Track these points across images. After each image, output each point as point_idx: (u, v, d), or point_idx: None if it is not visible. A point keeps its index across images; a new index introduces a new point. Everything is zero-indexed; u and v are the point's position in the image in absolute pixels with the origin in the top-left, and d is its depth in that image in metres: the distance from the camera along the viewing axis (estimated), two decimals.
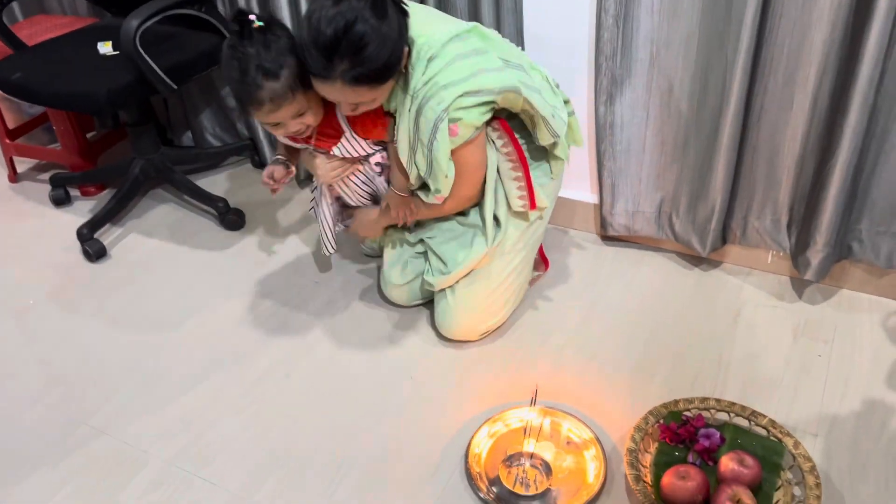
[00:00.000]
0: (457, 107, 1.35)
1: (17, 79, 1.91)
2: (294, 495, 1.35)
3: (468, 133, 1.40)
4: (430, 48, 1.36)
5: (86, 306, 1.86)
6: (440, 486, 1.34)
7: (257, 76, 1.33)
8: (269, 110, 1.38)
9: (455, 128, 1.37)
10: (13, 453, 1.47)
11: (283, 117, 1.41)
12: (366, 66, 1.29)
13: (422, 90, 1.37)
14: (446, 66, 1.35)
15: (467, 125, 1.38)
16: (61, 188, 2.28)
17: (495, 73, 1.38)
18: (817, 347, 1.58)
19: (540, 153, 1.59)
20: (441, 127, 1.37)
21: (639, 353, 1.60)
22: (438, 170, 1.42)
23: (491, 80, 1.37)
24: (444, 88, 1.34)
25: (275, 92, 1.35)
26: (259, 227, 2.12)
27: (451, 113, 1.36)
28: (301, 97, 1.39)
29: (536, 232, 1.65)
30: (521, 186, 1.55)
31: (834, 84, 1.48)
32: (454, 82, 1.34)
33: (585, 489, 1.32)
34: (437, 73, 1.35)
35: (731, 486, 1.21)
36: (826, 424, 1.41)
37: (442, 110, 1.35)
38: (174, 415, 1.53)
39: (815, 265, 1.62)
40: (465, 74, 1.35)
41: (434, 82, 1.35)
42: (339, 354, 1.66)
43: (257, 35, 1.34)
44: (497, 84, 1.37)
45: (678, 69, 1.61)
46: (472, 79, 1.35)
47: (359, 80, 1.30)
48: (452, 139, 1.39)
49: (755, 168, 1.66)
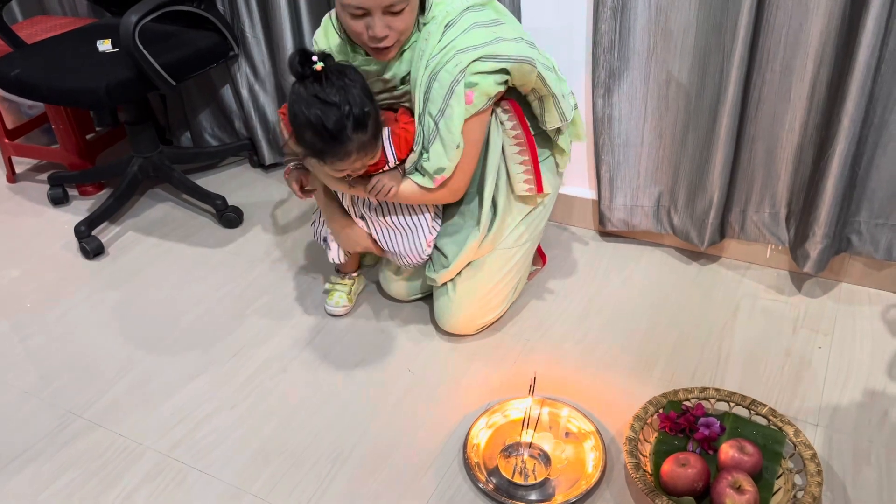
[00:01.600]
0: (474, 70, 1.34)
1: (17, 75, 1.92)
2: (290, 487, 1.34)
3: (481, 102, 1.38)
4: (447, 15, 1.36)
5: (83, 303, 1.85)
6: (438, 477, 1.33)
7: (347, 127, 1.27)
8: (353, 160, 1.33)
9: (471, 94, 1.35)
10: (7, 446, 1.45)
11: (362, 164, 1.36)
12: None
13: (437, 56, 1.35)
14: (463, 33, 1.34)
15: (482, 93, 1.36)
16: (59, 187, 2.28)
17: (513, 42, 1.37)
18: (817, 340, 1.58)
19: (544, 145, 1.58)
20: (457, 91, 1.34)
21: (637, 347, 1.60)
22: (451, 140, 1.37)
23: (509, 48, 1.36)
24: (462, 52, 1.33)
25: (362, 143, 1.31)
26: (257, 224, 2.12)
27: (468, 77, 1.34)
28: (379, 143, 1.37)
29: (539, 227, 1.65)
30: (528, 170, 1.53)
31: (831, 73, 1.48)
32: (472, 46, 1.34)
33: (584, 479, 1.31)
34: (455, 38, 1.34)
35: (731, 474, 1.20)
36: (827, 415, 1.40)
37: (459, 72, 1.33)
38: (170, 408, 1.52)
39: (813, 258, 1.62)
40: (483, 40, 1.34)
41: (451, 46, 1.34)
42: (336, 349, 1.65)
43: (334, 79, 1.27)
44: (515, 52, 1.36)
45: (676, 61, 1.61)
46: (492, 45, 1.35)
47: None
48: (467, 107, 1.36)
49: (753, 160, 1.66)
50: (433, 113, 1.37)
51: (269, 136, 2.33)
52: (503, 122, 1.49)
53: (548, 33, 1.73)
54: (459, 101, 1.35)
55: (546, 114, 1.49)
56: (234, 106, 2.35)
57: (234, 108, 2.36)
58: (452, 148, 1.39)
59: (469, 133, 1.40)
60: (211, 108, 2.41)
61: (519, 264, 1.64)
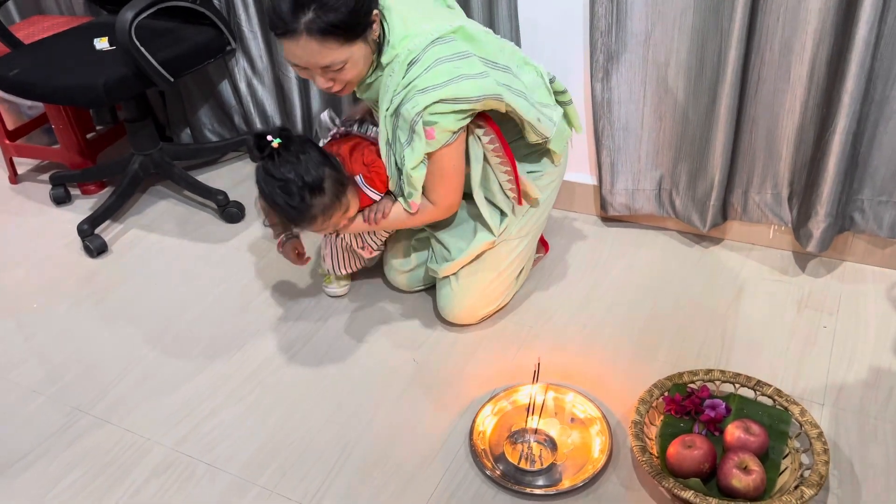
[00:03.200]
0: (431, 112, 1.34)
1: (15, 75, 1.92)
2: (297, 478, 1.34)
3: (444, 137, 1.39)
4: (410, 52, 1.35)
5: (87, 300, 1.86)
6: (445, 465, 1.33)
7: (305, 196, 1.35)
8: (321, 222, 1.41)
9: (431, 131, 1.37)
10: (16, 444, 1.46)
11: (334, 223, 1.44)
12: (331, 15, 1.25)
13: (401, 93, 1.36)
14: (425, 71, 1.33)
15: (443, 130, 1.37)
16: (61, 187, 2.28)
17: (476, 79, 1.35)
18: (822, 319, 1.57)
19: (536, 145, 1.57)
20: (417, 129, 1.36)
21: (641, 331, 1.59)
22: (406, 167, 1.41)
23: (470, 87, 1.34)
24: (421, 93, 1.33)
25: (324, 205, 1.38)
26: (259, 219, 2.12)
27: (426, 117, 1.35)
28: (345, 198, 1.42)
29: (540, 218, 1.65)
30: (511, 180, 1.53)
31: (831, 51, 1.47)
32: (431, 87, 1.33)
33: (591, 463, 1.31)
34: (417, 78, 1.34)
35: (737, 454, 1.20)
36: (833, 394, 1.40)
37: (416, 114, 1.34)
38: (176, 403, 1.52)
39: (817, 237, 1.61)
40: (443, 80, 1.33)
41: (412, 86, 1.34)
42: (340, 339, 1.65)
43: (286, 154, 1.34)
44: (476, 92, 1.35)
45: (674, 43, 1.60)
46: (450, 85, 1.33)
47: (325, 31, 1.26)
48: (429, 142, 1.38)
49: (754, 141, 1.65)
50: (401, 139, 1.40)
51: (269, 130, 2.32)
52: (480, 137, 1.48)
53: (545, 18, 1.72)
54: (420, 139, 1.37)
55: (526, 132, 1.50)
56: (233, 101, 2.35)
57: (232, 103, 2.36)
58: (409, 177, 1.42)
59: (441, 161, 1.43)
60: (210, 104, 2.41)
61: (521, 255, 1.64)
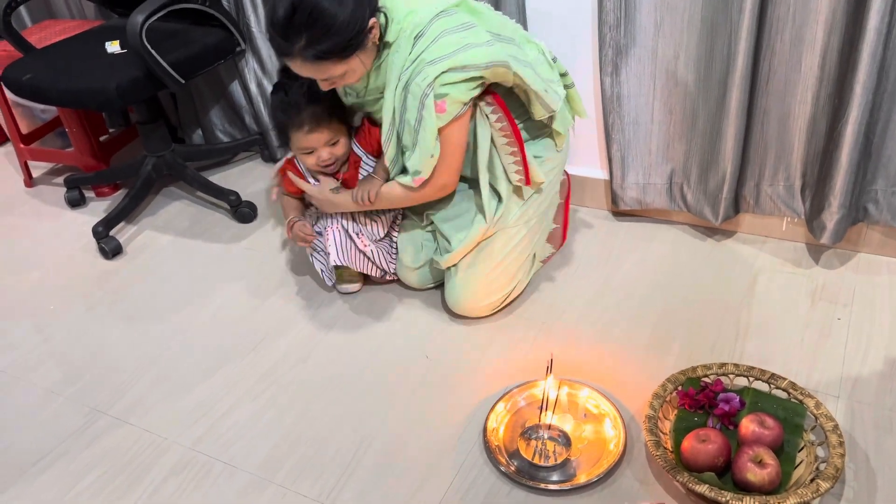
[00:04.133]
0: (442, 82, 1.35)
1: (28, 80, 1.94)
2: (314, 475, 1.35)
3: (455, 109, 1.39)
4: (416, 26, 1.36)
5: (103, 302, 1.87)
6: (460, 461, 1.34)
7: (300, 99, 1.52)
8: (307, 131, 1.54)
9: (442, 104, 1.37)
10: (36, 444, 1.48)
11: (317, 141, 1.57)
12: (323, 43, 1.31)
13: (409, 68, 1.37)
14: (432, 43, 1.35)
15: (454, 101, 1.38)
16: (76, 189, 2.31)
17: (483, 47, 1.37)
18: (836, 311, 1.56)
19: (542, 128, 1.58)
20: (427, 103, 1.37)
21: (654, 325, 1.59)
22: (424, 149, 1.42)
23: (478, 55, 1.36)
24: (429, 65, 1.34)
25: (314, 114, 1.53)
26: (271, 218, 2.13)
27: (437, 89, 1.35)
28: (335, 125, 1.58)
29: (540, 207, 1.64)
30: (518, 161, 1.54)
31: (842, 40, 1.46)
32: (440, 58, 1.34)
33: (605, 458, 1.31)
34: (424, 51, 1.35)
35: (752, 448, 1.20)
36: (848, 386, 1.39)
37: (427, 86, 1.35)
38: (193, 402, 1.54)
39: (830, 228, 1.60)
40: (451, 50, 1.34)
41: (420, 59, 1.35)
42: (353, 338, 1.66)
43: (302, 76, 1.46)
44: (484, 59, 1.36)
45: (683, 35, 1.59)
46: (459, 54, 1.35)
47: (319, 56, 1.33)
48: (440, 115, 1.38)
49: (766, 133, 1.64)
50: (411, 121, 1.41)
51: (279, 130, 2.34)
52: (488, 115, 1.49)
53: (553, 13, 1.72)
54: (431, 113, 1.38)
55: (531, 106, 1.51)
56: (244, 101, 2.36)
57: (243, 104, 2.37)
58: (427, 156, 1.43)
59: (448, 137, 1.44)
60: (221, 105, 2.43)
61: (523, 243, 1.64)
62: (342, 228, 1.68)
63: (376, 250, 1.70)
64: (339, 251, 1.66)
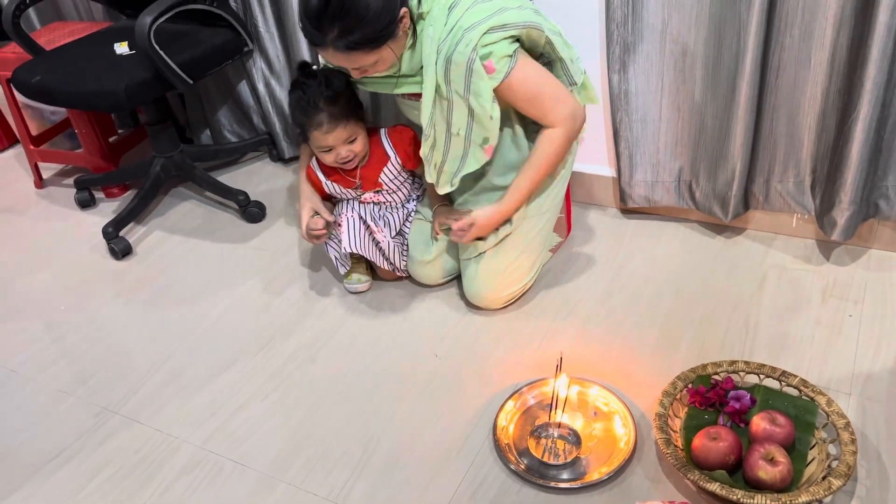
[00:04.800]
0: (484, 43, 1.36)
1: (37, 82, 1.95)
2: (323, 473, 1.35)
3: (504, 65, 1.40)
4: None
5: (113, 302, 1.88)
6: (469, 460, 1.34)
7: (318, 98, 1.54)
8: (325, 130, 1.56)
9: (489, 64, 1.38)
10: (48, 444, 1.49)
11: (335, 140, 1.59)
12: (355, 34, 1.32)
13: (447, 40, 1.38)
14: (468, 11, 1.37)
15: (500, 57, 1.39)
16: (86, 190, 2.32)
17: (517, 10, 1.39)
18: (847, 308, 1.55)
19: None
20: (475, 68, 1.37)
21: (663, 323, 1.59)
22: (483, 112, 1.42)
23: (514, 15, 1.38)
24: (469, 30, 1.36)
25: (332, 114, 1.55)
26: (280, 218, 2.14)
27: (480, 50, 1.36)
28: (353, 123, 1.60)
29: (559, 195, 1.67)
30: None
31: (851, 36, 1.45)
32: (478, 22, 1.36)
33: (615, 456, 1.31)
34: (460, 18, 1.37)
35: (763, 446, 1.19)
36: (859, 383, 1.39)
37: (471, 51, 1.36)
38: (203, 401, 1.54)
39: (841, 225, 1.59)
40: (488, 13, 1.36)
41: (458, 27, 1.37)
42: (362, 336, 1.66)
43: (319, 75, 1.56)
44: (521, 19, 1.38)
45: (691, 32, 1.59)
46: (496, 16, 1.37)
47: (351, 47, 1.34)
48: (491, 76, 1.39)
49: (775, 129, 1.64)
50: (460, 92, 1.41)
51: (287, 129, 2.34)
52: None
53: (560, 9, 1.71)
54: (482, 76, 1.38)
55: (557, 75, 1.51)
56: (252, 101, 2.37)
57: (251, 104, 2.38)
58: (487, 120, 1.43)
59: (525, 82, 1.43)
60: (229, 105, 2.43)
61: (542, 232, 1.66)
62: (358, 217, 1.69)
63: (391, 244, 1.71)
64: (353, 239, 1.67)
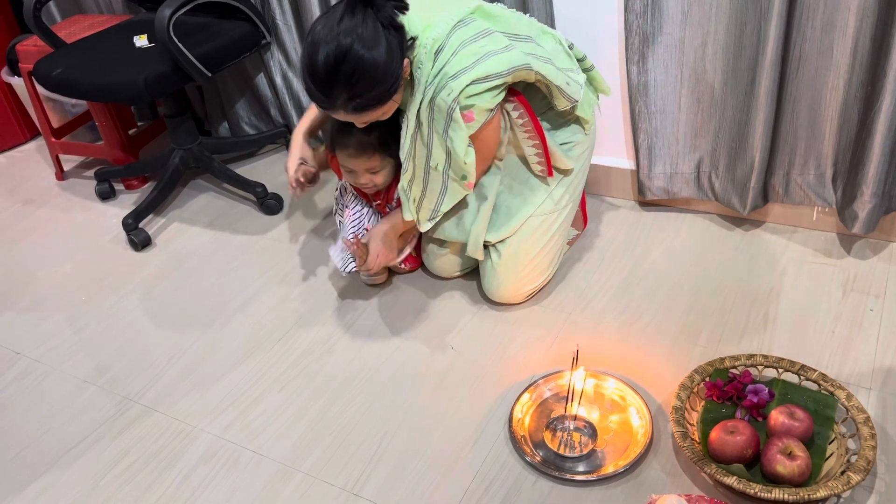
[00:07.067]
0: (467, 95, 1.36)
1: (58, 74, 1.97)
2: (340, 465, 1.36)
3: (483, 117, 1.41)
4: (435, 40, 1.37)
5: (133, 293, 1.90)
6: (485, 451, 1.34)
7: (352, 125, 1.49)
8: (349, 154, 1.57)
9: (470, 114, 1.38)
10: (69, 432, 1.51)
11: (358, 166, 1.59)
12: (364, 97, 1.33)
13: (433, 82, 1.38)
14: (453, 56, 1.35)
15: (481, 110, 1.39)
16: (106, 182, 2.34)
17: (502, 53, 1.37)
18: (868, 302, 1.54)
19: (568, 114, 1.58)
20: (455, 116, 1.38)
21: (681, 316, 1.58)
22: (457, 157, 1.43)
23: (498, 62, 1.36)
24: (452, 79, 1.35)
25: (362, 142, 1.55)
26: (297, 210, 2.15)
27: (462, 101, 1.36)
28: (380, 157, 1.58)
29: (577, 189, 1.66)
30: (539, 153, 1.55)
31: (875, 26, 1.43)
32: (462, 70, 1.35)
33: (631, 449, 1.30)
34: (445, 64, 1.36)
35: (781, 440, 1.19)
36: (880, 377, 1.37)
37: (452, 100, 1.36)
38: (221, 392, 1.56)
39: (862, 218, 1.57)
40: (471, 61, 1.35)
41: (443, 73, 1.36)
42: (379, 327, 1.67)
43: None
44: (504, 66, 1.37)
45: (711, 22, 1.57)
46: (479, 64, 1.35)
47: (360, 109, 1.36)
48: (469, 125, 1.40)
49: (796, 121, 1.62)
50: (440, 132, 1.42)
51: None
52: (509, 111, 1.50)
53: (579, 1, 1.71)
54: (459, 125, 1.39)
55: (554, 99, 1.51)
56: (269, 94, 2.38)
57: (269, 96, 2.38)
58: (462, 164, 1.44)
59: (485, 141, 1.48)
60: (246, 98, 2.44)
61: (562, 227, 1.66)
62: (367, 210, 1.71)
63: None
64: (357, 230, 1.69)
